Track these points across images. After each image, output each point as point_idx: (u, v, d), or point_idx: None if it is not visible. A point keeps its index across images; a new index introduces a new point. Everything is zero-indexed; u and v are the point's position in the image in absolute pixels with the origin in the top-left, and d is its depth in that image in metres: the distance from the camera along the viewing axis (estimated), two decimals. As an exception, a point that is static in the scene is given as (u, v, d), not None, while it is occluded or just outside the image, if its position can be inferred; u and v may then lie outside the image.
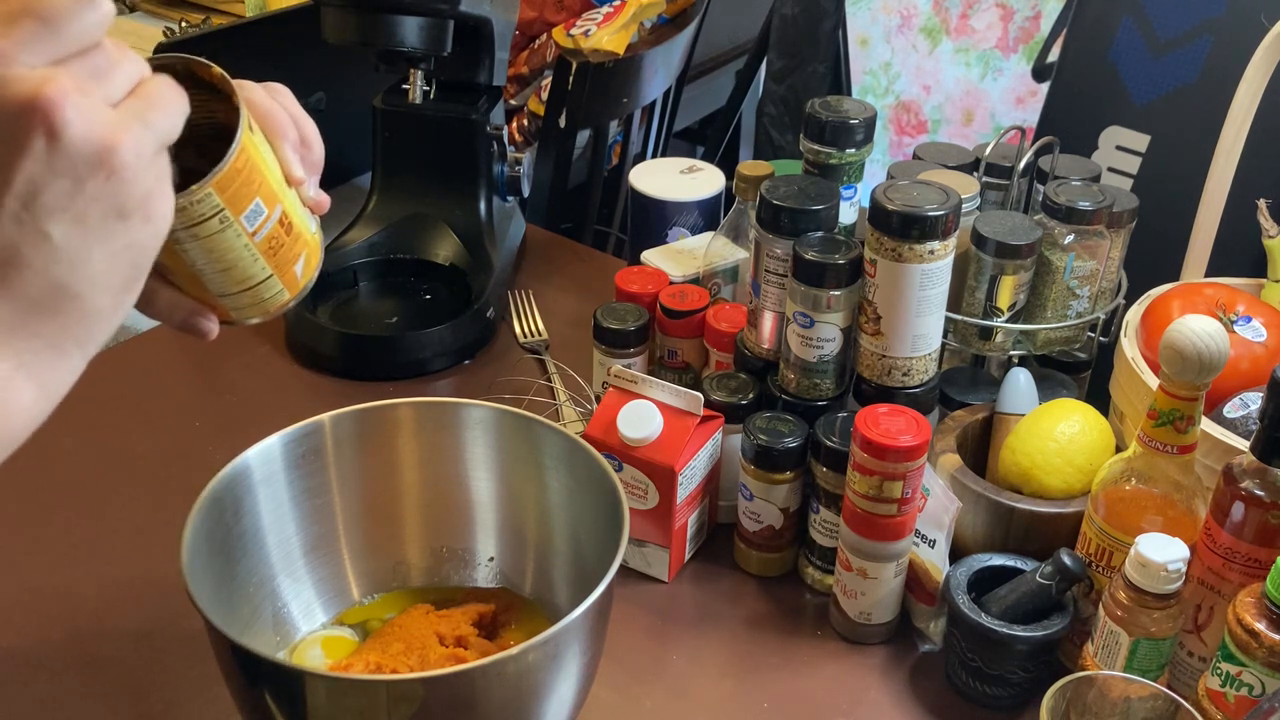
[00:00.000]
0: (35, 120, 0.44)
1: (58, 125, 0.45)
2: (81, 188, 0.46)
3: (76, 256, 0.47)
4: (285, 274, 0.62)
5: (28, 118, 0.44)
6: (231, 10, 2.06)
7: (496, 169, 1.27)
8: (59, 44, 0.46)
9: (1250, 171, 0.99)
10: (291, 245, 0.62)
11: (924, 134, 2.39)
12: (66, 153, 0.45)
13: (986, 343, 0.96)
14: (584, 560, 0.81)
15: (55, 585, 0.91)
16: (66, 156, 0.45)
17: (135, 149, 0.47)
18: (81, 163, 0.45)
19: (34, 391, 0.48)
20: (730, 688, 0.85)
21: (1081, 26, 1.32)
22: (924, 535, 0.85)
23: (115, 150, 0.46)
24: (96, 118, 0.46)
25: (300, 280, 0.64)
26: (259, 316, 0.63)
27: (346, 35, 1.11)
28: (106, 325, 0.50)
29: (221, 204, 0.56)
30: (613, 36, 1.75)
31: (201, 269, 0.59)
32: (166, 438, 1.07)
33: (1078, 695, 0.72)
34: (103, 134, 0.46)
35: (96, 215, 0.47)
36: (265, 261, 0.60)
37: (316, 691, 0.67)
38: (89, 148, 0.46)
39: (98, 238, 0.47)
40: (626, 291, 1.07)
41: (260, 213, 0.59)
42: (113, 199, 0.47)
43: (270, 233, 0.60)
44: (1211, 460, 0.80)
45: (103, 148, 0.46)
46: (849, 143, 0.94)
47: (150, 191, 0.49)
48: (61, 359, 0.49)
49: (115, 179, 0.46)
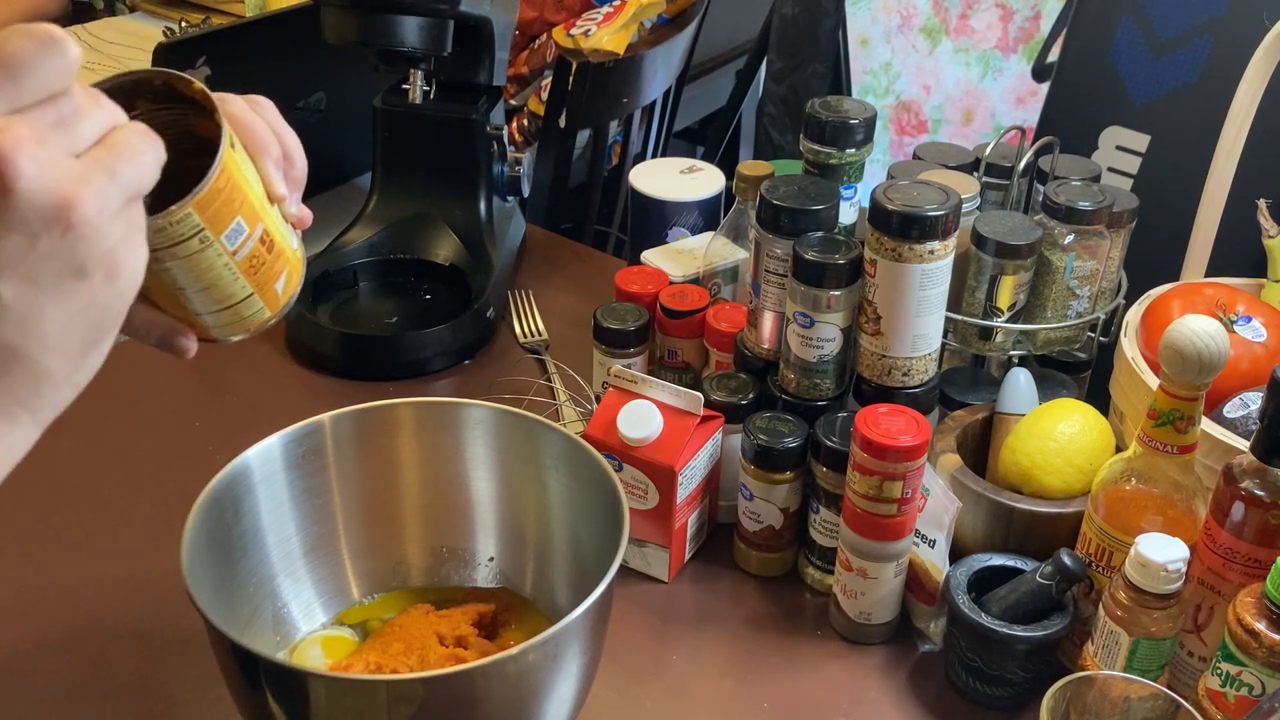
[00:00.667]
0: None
1: (10, 177, 0.41)
2: (35, 244, 0.43)
3: (27, 317, 0.44)
4: (266, 292, 0.61)
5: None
6: (231, 10, 2.06)
7: (496, 169, 1.27)
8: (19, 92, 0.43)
9: (1250, 171, 0.99)
10: (273, 263, 0.61)
11: (924, 134, 2.39)
12: (19, 207, 0.42)
13: (986, 343, 0.96)
14: (584, 560, 0.81)
15: (55, 585, 0.92)
16: (19, 211, 0.42)
17: (97, 203, 0.44)
18: (36, 218, 0.42)
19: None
20: (730, 688, 0.85)
21: (1081, 26, 1.32)
22: (924, 535, 0.85)
23: (74, 205, 0.43)
24: (54, 170, 0.43)
25: (281, 298, 0.63)
26: (240, 334, 0.62)
27: (346, 35, 1.11)
28: (62, 389, 0.46)
29: (202, 224, 0.55)
30: (613, 36, 1.75)
31: (181, 288, 0.58)
32: (166, 438, 1.07)
33: (1078, 695, 0.72)
34: (60, 188, 0.43)
35: (51, 274, 0.43)
36: (246, 280, 0.59)
37: (316, 691, 0.67)
38: (44, 202, 0.42)
39: (52, 298, 0.44)
40: (626, 291, 1.07)
41: (241, 231, 0.57)
42: (69, 257, 0.44)
43: (251, 251, 0.59)
44: (1211, 460, 0.80)
45: (60, 202, 0.43)
46: (849, 143, 0.94)
47: (115, 248, 0.45)
48: (9, 426, 0.45)
49: (73, 235, 0.43)
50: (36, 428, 0.47)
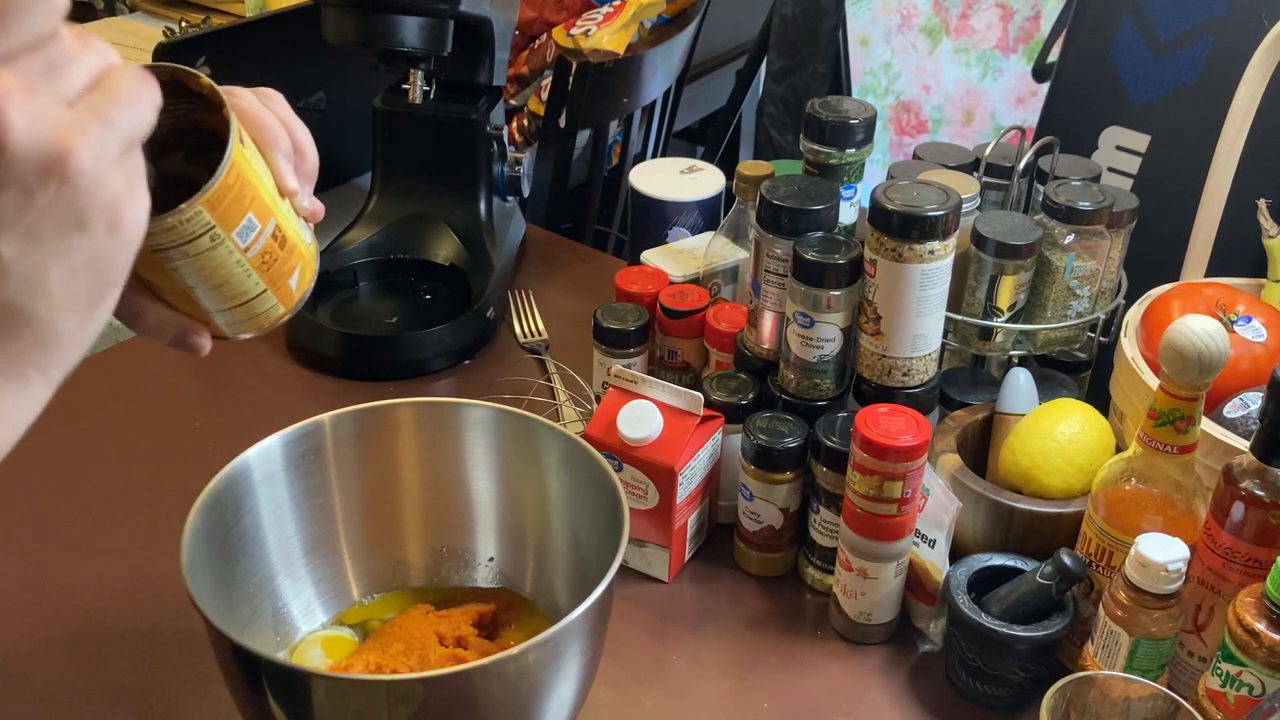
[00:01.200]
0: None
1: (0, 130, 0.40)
2: (31, 199, 0.41)
3: (30, 275, 0.42)
4: (279, 288, 0.61)
5: None
6: (231, 10, 2.06)
7: (496, 169, 1.27)
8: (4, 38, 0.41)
9: (1250, 171, 0.99)
10: (285, 259, 0.60)
11: (924, 134, 2.39)
12: (11, 162, 0.40)
13: (986, 343, 0.96)
14: (584, 560, 0.81)
15: (55, 585, 0.91)
16: (11, 166, 0.40)
17: (94, 152, 0.42)
18: (30, 172, 0.41)
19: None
20: (730, 688, 0.85)
21: (1081, 26, 1.32)
22: (924, 535, 0.85)
23: (68, 155, 0.41)
24: (47, 120, 0.41)
25: (295, 293, 0.62)
26: (253, 331, 0.62)
27: (346, 35, 1.11)
28: (72, 347, 0.45)
29: (213, 221, 0.54)
30: (613, 36, 1.75)
31: (193, 286, 0.57)
32: (166, 438, 1.07)
33: (1078, 695, 0.72)
34: (53, 136, 0.41)
35: (51, 229, 0.42)
36: (259, 277, 0.59)
37: (317, 691, 0.67)
38: (37, 153, 0.41)
39: (54, 254, 0.42)
40: (626, 291, 1.07)
41: (253, 228, 0.57)
42: (69, 210, 0.42)
43: (264, 247, 0.58)
44: (1211, 460, 0.80)
45: (54, 153, 0.41)
46: (849, 143, 0.94)
47: (116, 198, 0.43)
48: (21, 386, 0.44)
49: (70, 186, 0.41)
50: (49, 386, 0.45)
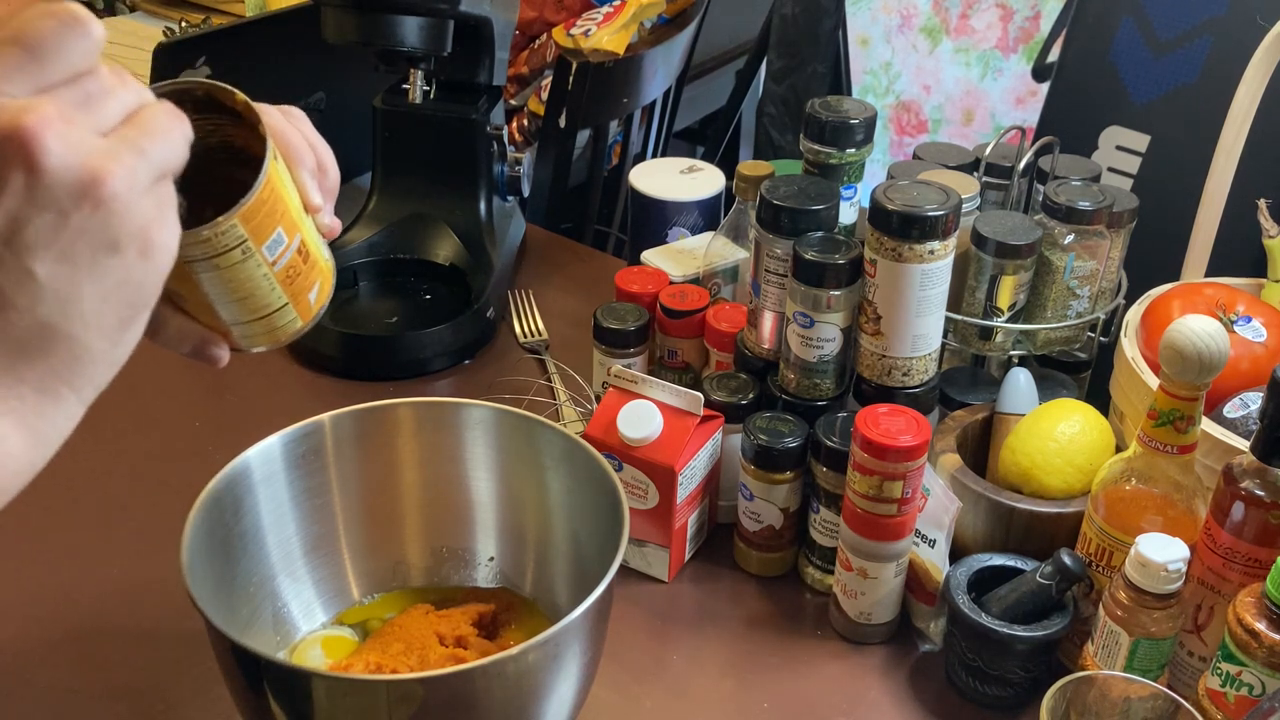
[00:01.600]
0: (13, 151, 0.42)
1: (37, 155, 0.42)
2: (66, 221, 0.43)
3: (65, 295, 0.44)
4: (300, 302, 0.62)
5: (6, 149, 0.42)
6: (231, 10, 2.06)
7: (496, 169, 1.27)
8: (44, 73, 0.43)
9: (1250, 171, 0.99)
10: (308, 273, 0.61)
11: (924, 134, 2.39)
12: (48, 185, 0.42)
13: (986, 343, 0.96)
14: (584, 560, 0.81)
15: (55, 585, 0.91)
16: (48, 189, 0.42)
17: (127, 179, 0.44)
18: (65, 195, 0.42)
19: (24, 439, 0.45)
20: (730, 688, 0.85)
21: (1081, 26, 1.32)
22: (924, 535, 0.85)
23: (102, 180, 0.43)
24: (82, 147, 0.43)
25: (314, 307, 0.63)
26: (269, 345, 0.62)
27: (346, 35, 1.11)
28: (103, 368, 0.47)
29: (245, 235, 0.55)
30: (613, 36, 1.75)
31: (218, 297, 0.58)
32: (166, 438, 1.07)
33: (1078, 695, 0.72)
34: (88, 163, 0.43)
35: (85, 251, 0.44)
36: (282, 290, 0.60)
37: (317, 691, 0.67)
38: (73, 178, 0.42)
39: (88, 275, 0.44)
40: (626, 291, 1.07)
41: (281, 242, 0.58)
42: (103, 232, 0.44)
43: (289, 262, 0.59)
44: (1211, 460, 0.80)
45: (88, 178, 0.43)
46: (849, 143, 0.94)
47: (148, 224, 0.45)
48: (54, 404, 0.46)
49: (104, 210, 0.43)
50: (81, 405, 0.47)
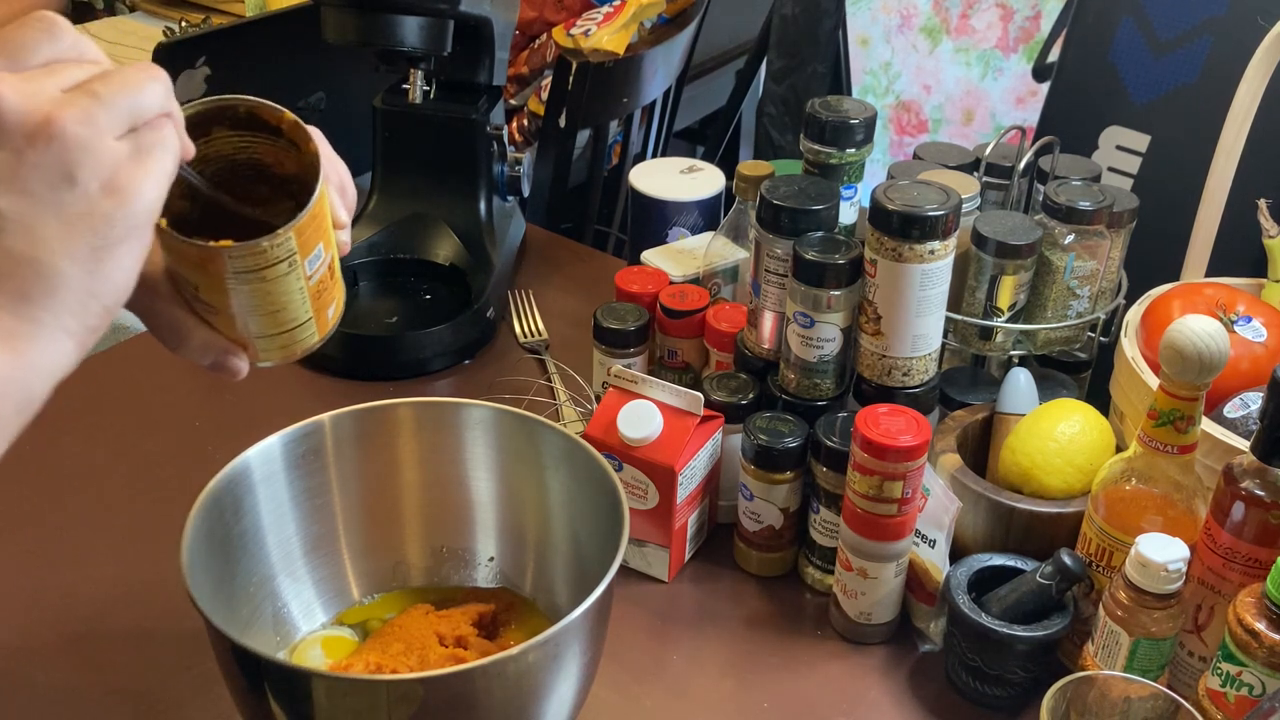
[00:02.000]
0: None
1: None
2: (21, 158, 0.46)
3: (27, 224, 0.47)
4: (320, 317, 0.63)
5: None
6: (231, 10, 2.06)
7: (496, 169, 1.27)
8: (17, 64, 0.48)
9: (1250, 171, 0.99)
10: (331, 289, 0.63)
11: (924, 134, 2.39)
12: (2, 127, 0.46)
13: (986, 343, 0.96)
14: (584, 560, 0.81)
15: (55, 585, 0.92)
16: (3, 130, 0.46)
17: (79, 118, 0.47)
18: (18, 134, 0.46)
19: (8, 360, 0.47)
20: (730, 688, 0.85)
21: (1081, 26, 1.32)
22: (924, 535, 0.85)
23: (53, 120, 0.47)
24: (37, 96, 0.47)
25: (330, 323, 0.64)
26: (282, 359, 0.63)
27: (346, 35, 1.11)
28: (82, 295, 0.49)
29: (295, 248, 0.57)
30: (613, 36, 1.75)
31: (252, 309, 0.59)
32: (166, 438, 1.07)
33: (1078, 695, 0.72)
34: (41, 107, 0.47)
35: (41, 184, 0.47)
36: (310, 305, 0.61)
37: (317, 691, 0.67)
38: (24, 120, 0.46)
39: (47, 204, 0.47)
40: (626, 291, 1.07)
41: (319, 257, 0.59)
42: (56, 167, 0.47)
43: (321, 277, 0.61)
44: (1211, 460, 0.80)
45: (40, 119, 0.46)
46: (849, 143, 0.94)
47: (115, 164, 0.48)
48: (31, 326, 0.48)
49: (56, 145, 0.47)
50: (66, 335, 0.49)
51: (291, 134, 0.59)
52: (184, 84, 1.23)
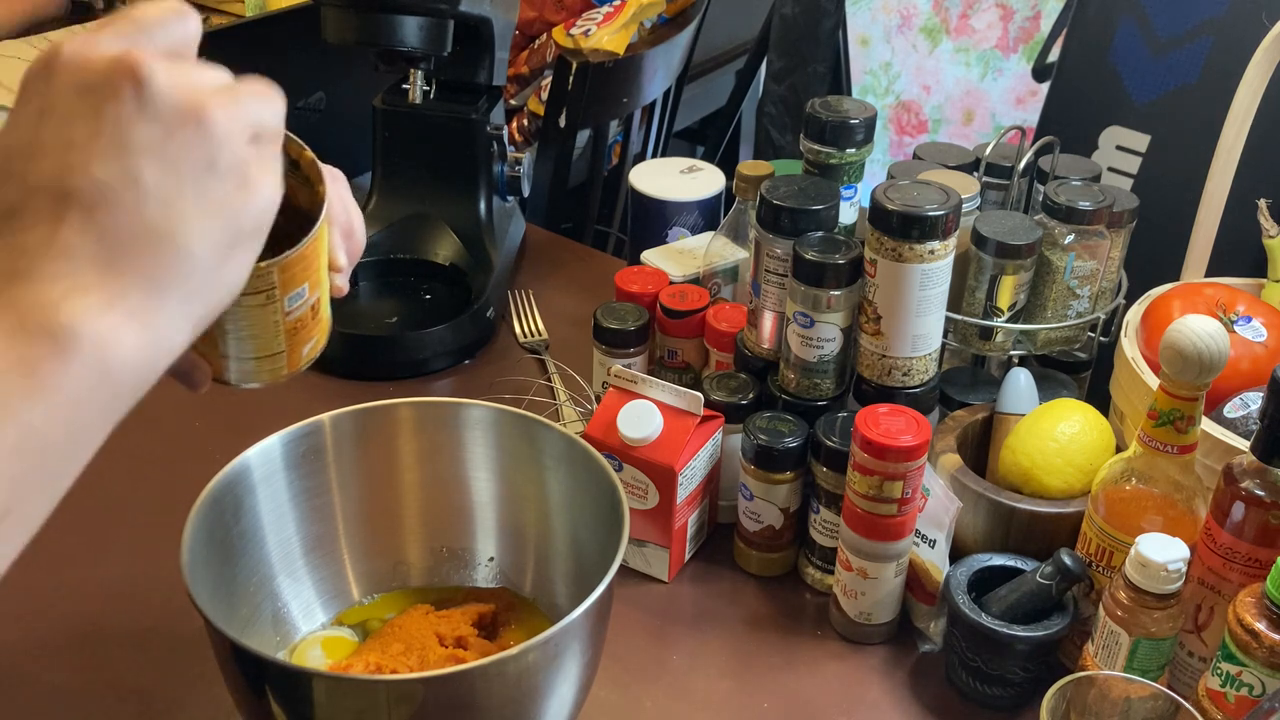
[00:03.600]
0: (123, 73, 0.46)
1: (145, 75, 0.46)
2: (171, 135, 0.47)
3: (168, 198, 0.47)
4: (294, 352, 0.63)
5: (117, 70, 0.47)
6: (231, 10, 2.06)
7: (496, 169, 1.27)
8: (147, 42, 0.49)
9: (1250, 171, 0.99)
10: (311, 328, 0.63)
11: (924, 134, 2.39)
12: (155, 100, 0.47)
13: (986, 343, 0.96)
14: (584, 560, 0.81)
15: (55, 585, 0.91)
16: (154, 103, 0.47)
17: (225, 113, 0.48)
18: (170, 111, 0.47)
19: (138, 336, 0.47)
20: (730, 688, 0.85)
21: (1081, 26, 1.32)
22: (924, 535, 0.85)
23: (203, 106, 0.47)
24: (185, 80, 0.47)
25: (304, 359, 0.64)
26: (251, 383, 0.63)
27: (346, 35, 1.11)
28: (209, 283, 0.49)
29: (276, 283, 0.57)
30: (613, 36, 1.75)
31: (226, 331, 0.59)
32: (166, 437, 1.07)
33: (1078, 695, 0.72)
34: (190, 93, 0.47)
35: (187, 165, 0.47)
36: (285, 339, 0.61)
37: (317, 691, 0.67)
38: (177, 99, 0.47)
39: (190, 187, 0.47)
40: (626, 291, 1.07)
41: (301, 296, 0.59)
42: (203, 150, 0.47)
43: (301, 315, 0.61)
44: (1211, 460, 0.80)
45: (191, 103, 0.47)
46: (849, 143, 0.94)
47: (246, 162, 0.49)
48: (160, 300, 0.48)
49: (204, 133, 0.47)
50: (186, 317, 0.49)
51: (308, 170, 0.59)
52: (184, 84, 1.23)
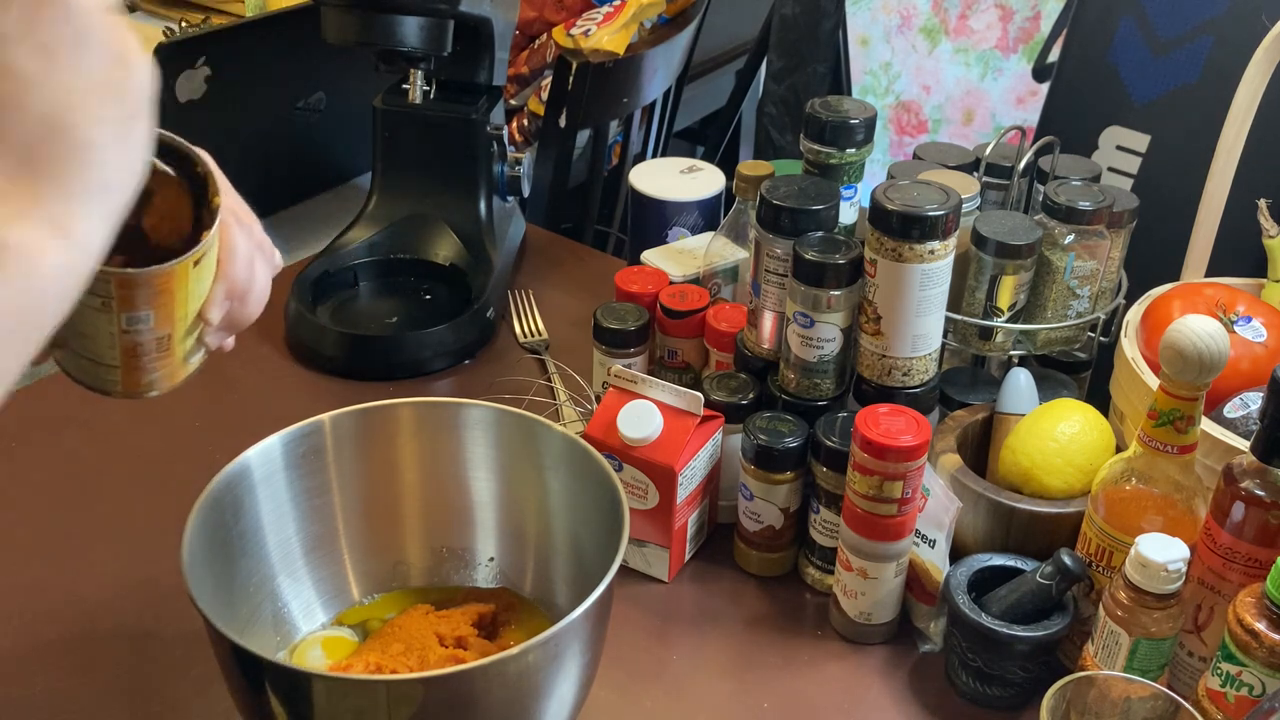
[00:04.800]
0: None
1: None
2: (33, 16, 0.45)
3: (48, 82, 0.45)
4: (130, 375, 0.61)
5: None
6: (231, 10, 2.06)
7: (496, 169, 1.27)
8: None
9: (1250, 171, 0.99)
10: (154, 361, 0.61)
11: (924, 134, 2.39)
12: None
13: (986, 343, 0.96)
14: (584, 560, 0.81)
15: (55, 585, 0.91)
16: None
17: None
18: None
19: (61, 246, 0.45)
20: (730, 688, 0.85)
21: (1081, 26, 1.32)
22: (924, 535, 0.86)
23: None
24: None
25: (141, 388, 0.63)
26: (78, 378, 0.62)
27: (346, 35, 1.11)
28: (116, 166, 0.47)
29: (114, 295, 0.56)
30: (613, 36, 1.75)
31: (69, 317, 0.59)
32: (166, 437, 1.07)
33: (1078, 695, 0.72)
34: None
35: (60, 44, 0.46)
36: (119, 356, 0.60)
37: (317, 691, 0.67)
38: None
39: (69, 68, 0.46)
40: (626, 291, 1.07)
41: (144, 322, 0.58)
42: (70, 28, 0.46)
43: (140, 341, 0.59)
44: (1211, 460, 0.80)
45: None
46: (849, 143, 0.94)
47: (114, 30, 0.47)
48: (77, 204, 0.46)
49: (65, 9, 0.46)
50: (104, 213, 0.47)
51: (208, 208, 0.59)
52: (184, 84, 1.23)
